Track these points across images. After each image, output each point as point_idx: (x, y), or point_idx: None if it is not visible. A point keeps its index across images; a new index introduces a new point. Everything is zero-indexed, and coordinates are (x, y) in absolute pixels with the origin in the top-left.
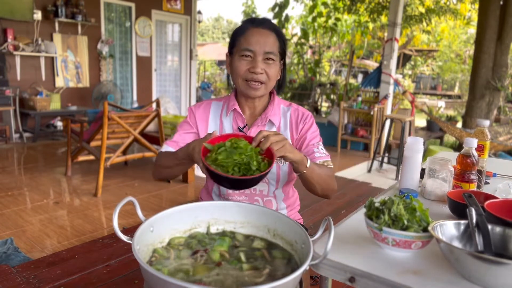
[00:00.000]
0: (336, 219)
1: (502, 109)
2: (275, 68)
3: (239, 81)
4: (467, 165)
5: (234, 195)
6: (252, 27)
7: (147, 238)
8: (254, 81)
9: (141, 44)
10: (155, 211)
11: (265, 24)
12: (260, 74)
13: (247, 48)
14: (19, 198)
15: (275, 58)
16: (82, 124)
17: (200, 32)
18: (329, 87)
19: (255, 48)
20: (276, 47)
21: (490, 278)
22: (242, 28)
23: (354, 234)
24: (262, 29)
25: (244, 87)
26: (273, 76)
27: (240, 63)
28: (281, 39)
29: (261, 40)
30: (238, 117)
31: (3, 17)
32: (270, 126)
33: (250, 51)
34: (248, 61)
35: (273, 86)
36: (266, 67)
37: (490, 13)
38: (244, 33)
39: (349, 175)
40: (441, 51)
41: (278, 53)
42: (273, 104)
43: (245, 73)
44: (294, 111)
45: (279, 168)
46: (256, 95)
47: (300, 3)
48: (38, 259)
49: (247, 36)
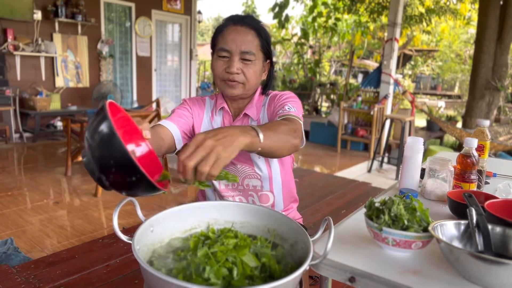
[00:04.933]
0: (336, 219)
1: (502, 109)
2: (253, 68)
3: (218, 81)
4: (467, 165)
5: (228, 190)
6: (231, 24)
7: (147, 238)
8: (230, 80)
9: (141, 44)
10: (155, 211)
11: (244, 21)
12: (236, 74)
13: (222, 48)
14: (19, 198)
15: (252, 57)
16: (82, 124)
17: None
18: (329, 87)
19: (231, 48)
20: (254, 46)
21: (490, 278)
22: (221, 26)
23: (354, 234)
24: (240, 27)
25: (223, 87)
26: (252, 77)
27: (217, 63)
28: (263, 37)
29: (237, 38)
30: (225, 115)
31: (3, 17)
32: (250, 120)
33: (226, 51)
34: (224, 61)
35: (255, 86)
36: (243, 67)
37: (490, 13)
38: (222, 31)
39: (349, 175)
40: (441, 51)
41: (258, 51)
42: (252, 100)
43: (222, 73)
44: (272, 96)
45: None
46: (234, 93)
47: (300, 3)
48: (38, 259)
49: (224, 34)
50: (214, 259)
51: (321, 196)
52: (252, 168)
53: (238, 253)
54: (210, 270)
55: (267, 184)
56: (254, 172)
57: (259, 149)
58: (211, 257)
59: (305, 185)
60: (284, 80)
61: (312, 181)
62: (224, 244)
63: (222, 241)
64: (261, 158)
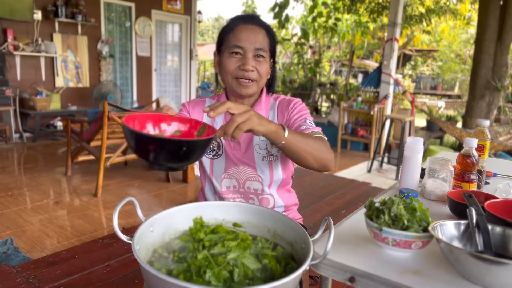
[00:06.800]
0: (336, 219)
1: (502, 109)
2: (265, 66)
3: (229, 79)
4: (467, 165)
5: (229, 193)
6: (242, 23)
7: (147, 238)
8: (244, 78)
9: (141, 44)
10: (155, 211)
11: (255, 20)
12: (251, 71)
13: (236, 45)
14: (19, 198)
15: (265, 55)
16: (82, 124)
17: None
18: (329, 87)
19: (245, 45)
20: (266, 44)
21: (490, 278)
22: (231, 25)
23: (354, 234)
24: (251, 25)
25: (235, 85)
26: (264, 74)
27: (230, 61)
28: (271, 36)
29: (251, 36)
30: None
31: (3, 17)
32: None
33: (239, 48)
34: (237, 58)
35: (264, 84)
36: (256, 64)
37: (490, 13)
38: (233, 29)
39: (349, 175)
40: (441, 51)
41: (268, 50)
42: (261, 100)
43: (235, 70)
44: (281, 101)
45: (271, 168)
46: (248, 93)
47: (300, 3)
48: (38, 259)
49: (236, 33)
50: (214, 263)
51: (321, 196)
52: (254, 171)
53: (238, 256)
54: (211, 273)
55: (267, 188)
56: (256, 174)
57: (282, 142)
58: (211, 261)
59: (305, 185)
60: (284, 80)
61: (312, 181)
62: (225, 246)
63: (222, 242)
64: (264, 161)
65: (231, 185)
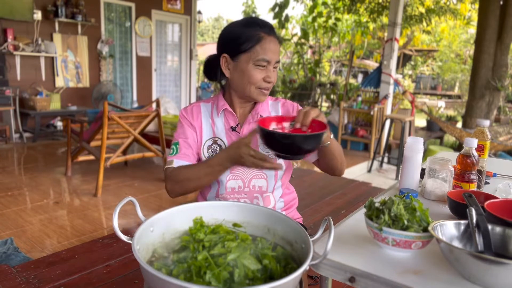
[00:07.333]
0: (336, 219)
1: (502, 109)
2: (276, 73)
3: (252, 88)
4: (467, 165)
5: (233, 193)
6: (266, 35)
7: (147, 238)
8: (266, 88)
9: (141, 44)
10: (155, 211)
11: (273, 31)
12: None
13: (265, 59)
14: (19, 198)
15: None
16: (82, 124)
17: (200, 32)
18: (329, 87)
19: (271, 59)
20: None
21: (490, 278)
22: (255, 35)
23: (354, 234)
24: (273, 38)
25: (256, 94)
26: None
27: (256, 72)
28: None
29: (275, 50)
30: (229, 116)
31: (3, 17)
32: None
33: (266, 62)
34: (262, 70)
35: None
36: (274, 74)
37: (490, 13)
38: (259, 41)
39: (349, 175)
40: (441, 51)
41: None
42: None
43: (259, 81)
44: (283, 105)
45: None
46: (264, 99)
47: (300, 3)
48: (38, 259)
49: (264, 46)
50: (214, 264)
51: (321, 196)
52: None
53: (239, 257)
54: (211, 274)
55: (272, 184)
56: (262, 171)
57: (328, 142)
58: (211, 262)
59: (305, 185)
60: (284, 80)
61: (312, 181)
62: (225, 246)
63: (222, 243)
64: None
65: (236, 186)
